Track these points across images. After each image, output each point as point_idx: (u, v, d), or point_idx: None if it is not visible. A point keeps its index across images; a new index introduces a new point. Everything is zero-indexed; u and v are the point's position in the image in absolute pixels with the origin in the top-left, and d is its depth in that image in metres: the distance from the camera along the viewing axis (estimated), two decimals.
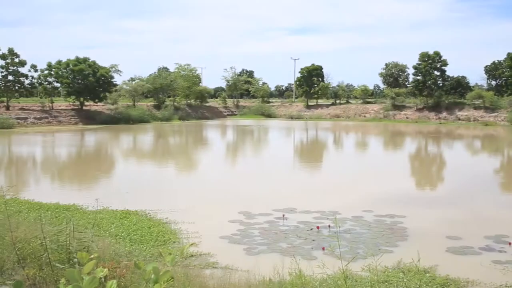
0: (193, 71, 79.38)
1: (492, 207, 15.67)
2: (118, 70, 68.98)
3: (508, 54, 67.18)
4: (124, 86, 71.77)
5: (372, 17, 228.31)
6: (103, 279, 2.20)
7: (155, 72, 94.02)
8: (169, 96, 76.30)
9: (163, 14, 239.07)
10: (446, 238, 11.63)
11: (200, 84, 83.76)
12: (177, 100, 75.01)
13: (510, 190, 20.09)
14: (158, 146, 39.06)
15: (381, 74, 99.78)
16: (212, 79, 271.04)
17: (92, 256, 2.61)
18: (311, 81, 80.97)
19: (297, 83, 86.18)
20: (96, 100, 63.95)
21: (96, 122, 59.32)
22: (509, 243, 11.10)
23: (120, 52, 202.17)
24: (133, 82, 73.00)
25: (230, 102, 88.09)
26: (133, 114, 62.89)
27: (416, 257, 5.96)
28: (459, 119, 63.77)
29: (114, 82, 67.59)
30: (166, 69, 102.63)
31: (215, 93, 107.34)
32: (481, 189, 19.43)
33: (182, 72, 77.42)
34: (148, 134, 49.64)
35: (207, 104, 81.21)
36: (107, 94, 65.13)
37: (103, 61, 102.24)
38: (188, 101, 77.39)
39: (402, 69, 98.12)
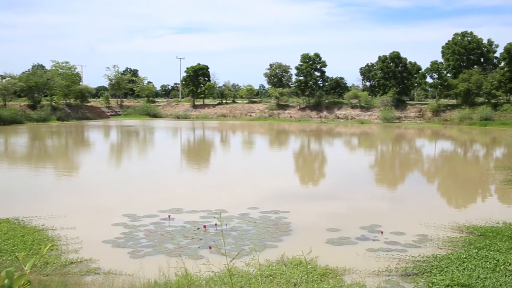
0: (72, 69, 75.24)
1: (367, 200, 16.84)
2: None
3: (379, 57, 72.82)
4: None
5: (257, 18, 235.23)
6: None
7: (29, 70, 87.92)
8: (45, 96, 71.71)
9: (39, 8, 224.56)
10: (326, 231, 12.25)
11: (81, 83, 79.69)
12: (55, 99, 70.72)
13: (383, 184, 21.72)
14: (33, 148, 36.40)
15: (265, 75, 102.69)
16: (93, 78, 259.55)
17: None
18: (197, 81, 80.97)
19: (183, 82, 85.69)
20: None
21: None
22: (381, 232, 12.01)
23: None
24: (4, 80, 67.74)
25: (113, 101, 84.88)
26: (4, 114, 58.41)
27: (298, 250, 6.19)
28: (338, 118, 67.89)
29: None
30: (41, 66, 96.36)
31: (97, 92, 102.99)
32: (358, 183, 20.81)
33: (60, 70, 73.04)
34: (21, 136, 46.09)
35: (88, 104, 77.58)
36: None
37: None
38: (67, 101, 73.32)
39: (285, 69, 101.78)
